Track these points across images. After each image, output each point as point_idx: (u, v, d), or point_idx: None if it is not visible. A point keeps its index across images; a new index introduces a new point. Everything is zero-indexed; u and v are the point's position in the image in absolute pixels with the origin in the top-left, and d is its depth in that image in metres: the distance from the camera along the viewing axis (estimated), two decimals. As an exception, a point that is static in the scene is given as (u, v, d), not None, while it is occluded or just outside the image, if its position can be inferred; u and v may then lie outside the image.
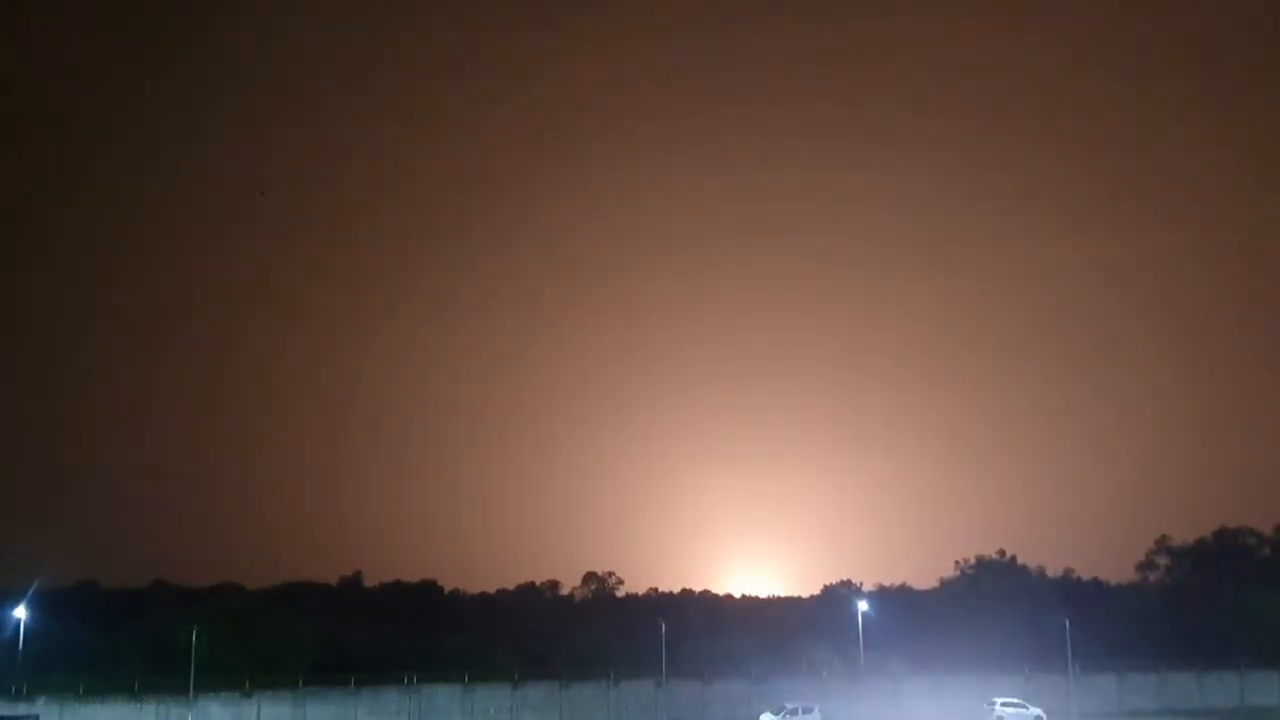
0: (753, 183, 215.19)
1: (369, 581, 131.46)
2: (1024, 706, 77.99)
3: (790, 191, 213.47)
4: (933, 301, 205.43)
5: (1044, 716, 76.80)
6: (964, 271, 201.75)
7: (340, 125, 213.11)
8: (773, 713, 76.03)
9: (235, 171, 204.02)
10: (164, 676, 79.35)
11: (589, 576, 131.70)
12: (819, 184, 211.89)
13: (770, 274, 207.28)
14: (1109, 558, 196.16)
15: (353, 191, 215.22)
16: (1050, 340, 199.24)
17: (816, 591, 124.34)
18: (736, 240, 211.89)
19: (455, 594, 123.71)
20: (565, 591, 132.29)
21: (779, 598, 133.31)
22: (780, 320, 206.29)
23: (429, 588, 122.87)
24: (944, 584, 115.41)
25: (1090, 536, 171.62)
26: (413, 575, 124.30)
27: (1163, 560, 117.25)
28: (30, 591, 78.38)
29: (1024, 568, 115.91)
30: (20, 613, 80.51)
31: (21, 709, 71.29)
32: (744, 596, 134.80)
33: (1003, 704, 78.19)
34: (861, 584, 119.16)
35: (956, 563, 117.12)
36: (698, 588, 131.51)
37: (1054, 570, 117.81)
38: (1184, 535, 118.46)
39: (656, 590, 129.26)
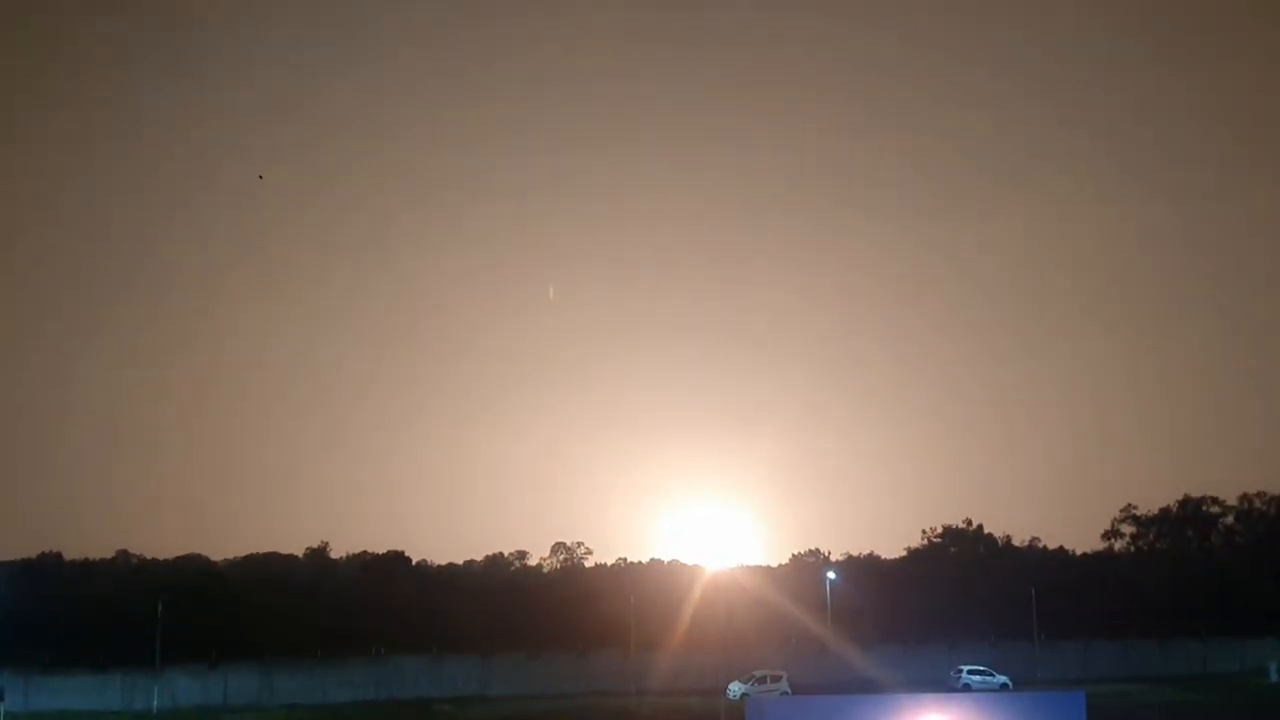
0: (711, 154, 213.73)
1: (335, 553, 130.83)
2: (990, 674, 78.46)
3: (752, 159, 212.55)
4: (895, 274, 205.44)
5: (1010, 684, 77.11)
6: (922, 244, 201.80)
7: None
8: (741, 681, 76.23)
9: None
10: (129, 648, 78.63)
11: (557, 547, 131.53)
12: (787, 150, 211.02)
13: (730, 243, 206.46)
14: (1074, 526, 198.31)
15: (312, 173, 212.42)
16: (1014, 311, 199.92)
17: (785, 561, 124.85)
18: (697, 209, 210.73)
19: (423, 565, 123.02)
20: (533, 562, 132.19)
21: (747, 567, 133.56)
22: (744, 290, 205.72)
23: (396, 559, 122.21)
24: (911, 553, 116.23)
25: (1056, 505, 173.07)
26: (379, 546, 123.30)
27: (1128, 529, 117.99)
28: (-8, 564, 77.61)
29: (990, 536, 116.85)
30: (-18, 585, 79.74)
31: (-15, 681, 70.55)
32: (712, 567, 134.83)
33: (969, 672, 78.59)
34: (830, 553, 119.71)
35: (923, 532, 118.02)
36: (666, 557, 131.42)
37: (1020, 539, 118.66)
38: (1149, 504, 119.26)
39: (625, 560, 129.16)
